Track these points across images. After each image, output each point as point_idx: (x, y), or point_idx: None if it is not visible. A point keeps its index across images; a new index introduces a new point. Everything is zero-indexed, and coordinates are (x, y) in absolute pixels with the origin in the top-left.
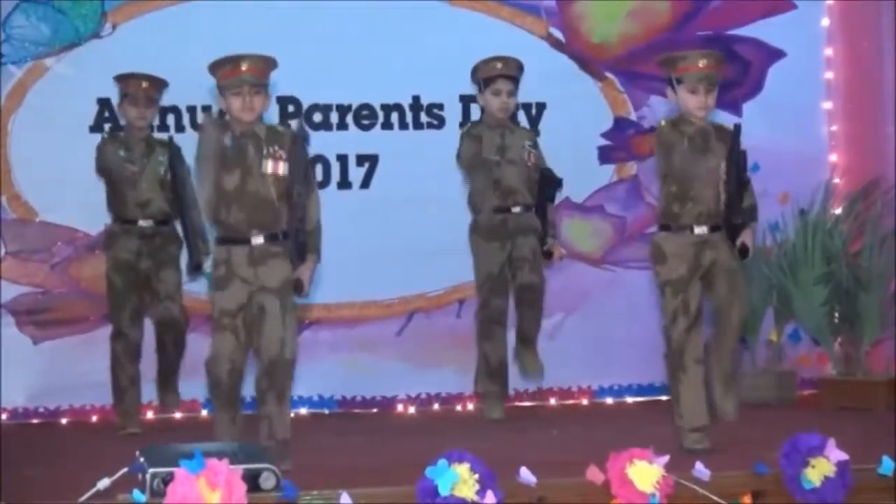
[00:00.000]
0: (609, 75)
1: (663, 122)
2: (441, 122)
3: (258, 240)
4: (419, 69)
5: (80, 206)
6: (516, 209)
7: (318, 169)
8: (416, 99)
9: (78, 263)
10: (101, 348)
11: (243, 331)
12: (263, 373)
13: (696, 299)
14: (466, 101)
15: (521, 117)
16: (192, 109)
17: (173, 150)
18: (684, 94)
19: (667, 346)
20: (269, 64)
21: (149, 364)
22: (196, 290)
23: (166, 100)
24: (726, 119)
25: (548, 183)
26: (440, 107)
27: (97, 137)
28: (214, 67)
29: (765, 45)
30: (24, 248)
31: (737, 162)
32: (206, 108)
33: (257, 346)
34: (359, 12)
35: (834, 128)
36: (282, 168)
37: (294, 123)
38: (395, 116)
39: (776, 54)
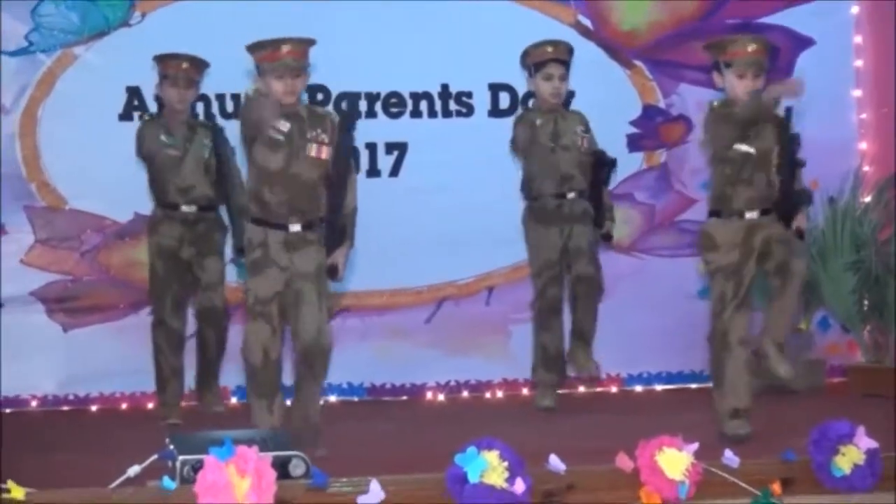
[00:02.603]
0: (637, 63)
1: (715, 104)
2: (470, 111)
3: (295, 227)
4: (448, 57)
5: (110, 193)
6: (571, 195)
7: None
8: (444, 87)
9: (107, 251)
10: (131, 336)
11: (278, 318)
12: (300, 359)
13: (747, 283)
14: (495, 89)
15: None
16: (220, 98)
17: (217, 132)
18: (732, 78)
19: (712, 328)
20: (308, 46)
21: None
22: (231, 277)
23: None
24: None
25: (601, 165)
26: (469, 95)
27: (126, 125)
28: (254, 49)
29: (794, 32)
30: (53, 235)
31: (789, 145)
32: (235, 97)
33: (294, 333)
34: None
35: (863, 116)
36: (324, 152)
37: (333, 111)
38: (423, 104)
39: (805, 42)
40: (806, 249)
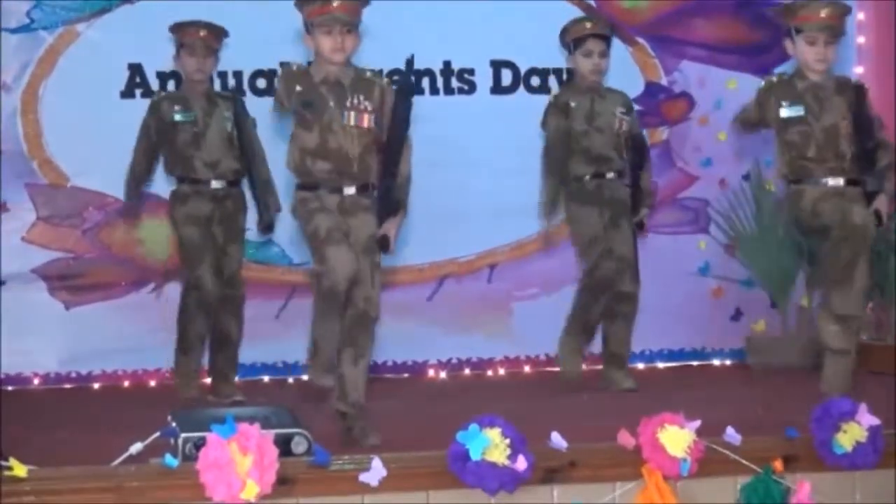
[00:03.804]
0: (640, 40)
1: (773, 80)
2: (472, 88)
3: (350, 190)
4: (450, 35)
5: (112, 171)
6: (610, 175)
7: None
8: (447, 64)
9: (109, 229)
10: (133, 314)
11: (348, 244)
12: (346, 328)
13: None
14: (497, 66)
15: (553, 83)
16: (223, 75)
17: (237, 103)
18: (802, 45)
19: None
20: (361, 2)
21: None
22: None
23: None
24: (753, 85)
25: (637, 150)
26: (471, 72)
27: (128, 103)
28: (303, 3)
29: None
30: (55, 213)
31: (863, 119)
32: (238, 73)
33: (348, 300)
34: None
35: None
36: (366, 119)
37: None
38: (426, 81)
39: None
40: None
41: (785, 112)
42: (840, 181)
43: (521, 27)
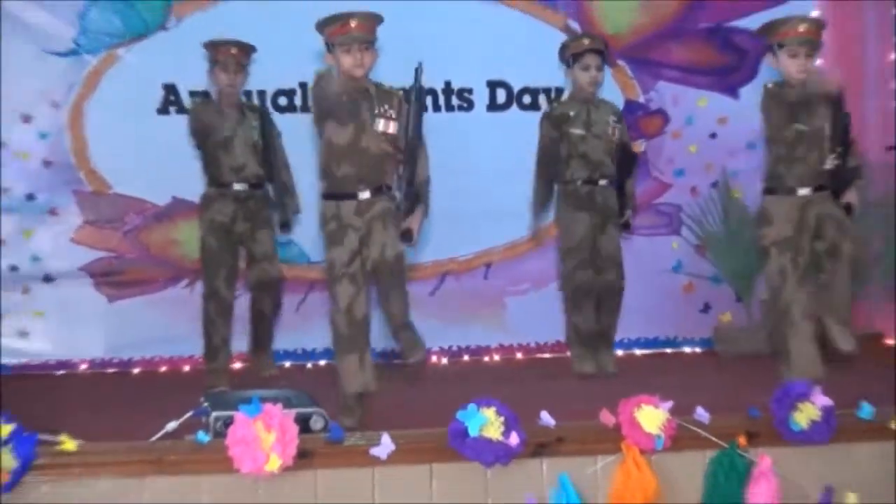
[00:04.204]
0: (620, 63)
1: (769, 86)
2: (470, 105)
3: (365, 194)
4: (450, 57)
5: (149, 179)
6: (603, 182)
7: None
8: (447, 84)
9: (147, 231)
10: (169, 307)
11: (360, 276)
12: (378, 275)
13: (804, 257)
14: (492, 85)
15: (542, 101)
16: (247, 94)
17: (264, 116)
18: (785, 58)
19: (774, 304)
20: (376, 20)
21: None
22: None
23: None
24: (726, 102)
25: (625, 157)
26: (469, 91)
27: (163, 119)
28: (323, 25)
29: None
30: (99, 217)
31: (841, 123)
32: (262, 92)
33: (375, 265)
34: (398, 4)
35: None
36: (392, 127)
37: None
38: (429, 100)
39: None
40: (853, 227)
41: (779, 111)
42: (808, 190)
43: (515, 51)
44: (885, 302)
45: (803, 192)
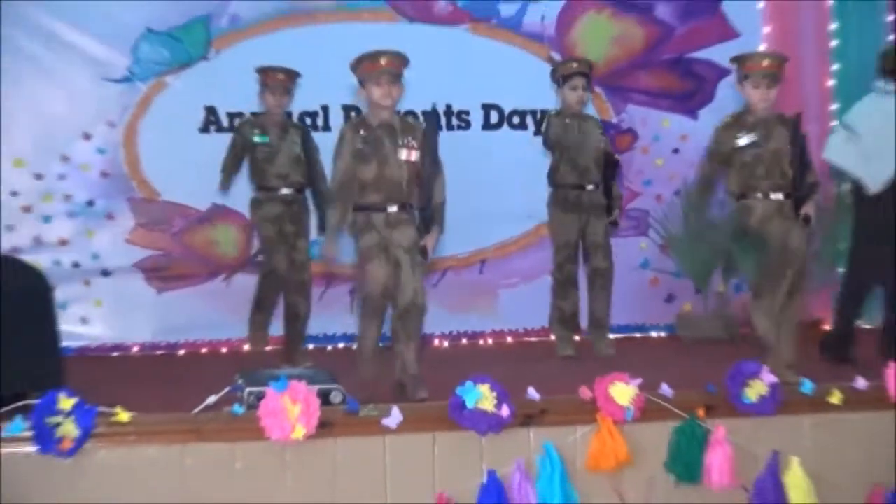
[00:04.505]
0: (597, 89)
1: (729, 117)
2: (468, 125)
3: (393, 208)
4: (450, 83)
5: (192, 188)
6: (590, 186)
7: None
8: (448, 107)
9: (190, 233)
10: (210, 298)
11: (388, 262)
12: (398, 316)
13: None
14: (487, 108)
15: (529, 121)
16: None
17: (305, 133)
18: (749, 88)
19: (753, 304)
20: (403, 59)
21: None
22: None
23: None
24: (686, 123)
25: (609, 164)
26: (467, 113)
27: (205, 136)
28: (357, 63)
29: (715, 64)
30: (149, 221)
31: (798, 144)
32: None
33: (394, 296)
34: (408, 37)
35: None
36: (413, 155)
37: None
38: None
39: (724, 72)
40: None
41: (742, 140)
42: (780, 196)
43: (506, 78)
44: (822, 290)
45: (776, 196)
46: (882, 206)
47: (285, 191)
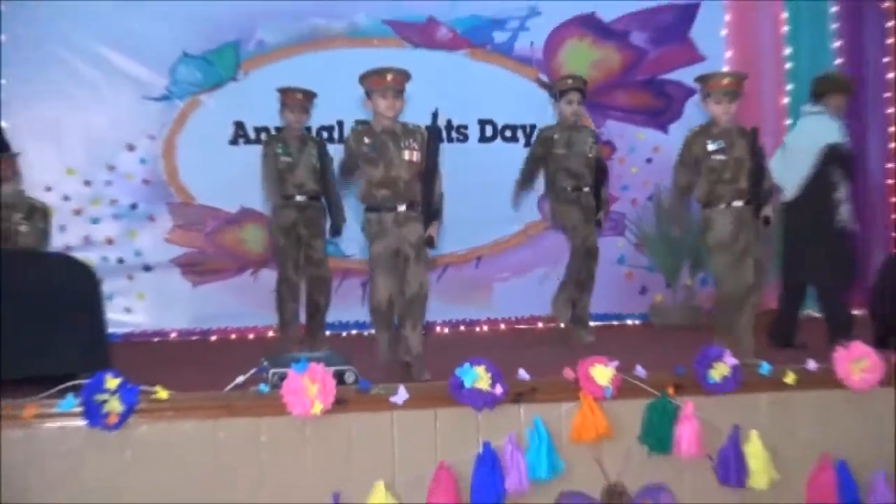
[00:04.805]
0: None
1: (696, 129)
2: (466, 138)
3: (402, 208)
4: (450, 100)
5: (223, 193)
6: (585, 189)
7: None
8: (448, 122)
9: (221, 233)
10: (239, 290)
11: (394, 269)
12: (405, 305)
13: (739, 255)
14: (482, 123)
15: (520, 135)
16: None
17: (321, 145)
18: (712, 104)
19: (720, 293)
20: (406, 76)
21: None
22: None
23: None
24: (658, 136)
25: (600, 170)
26: (465, 127)
27: (234, 148)
28: (365, 77)
29: (683, 85)
30: (186, 222)
31: (757, 154)
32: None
33: (402, 286)
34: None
35: None
36: (415, 156)
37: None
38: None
39: (691, 92)
40: (761, 247)
41: (711, 146)
42: (741, 203)
43: (499, 97)
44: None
45: (737, 203)
46: (801, 213)
47: (300, 198)
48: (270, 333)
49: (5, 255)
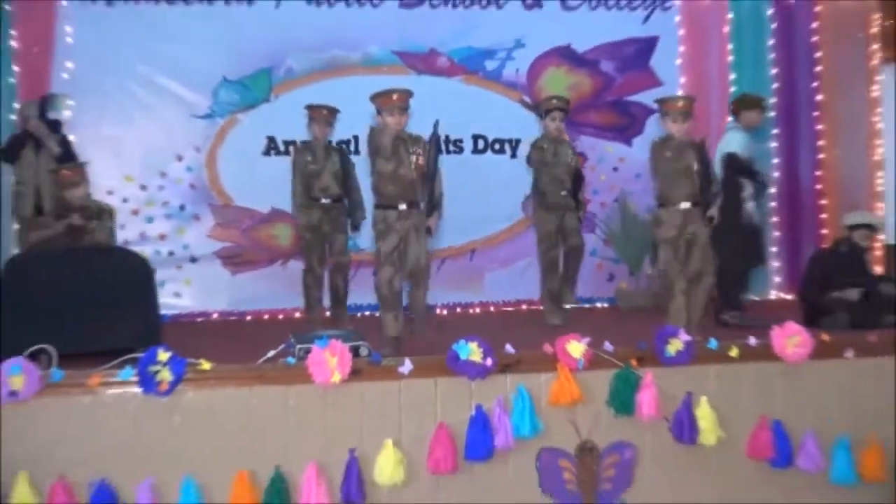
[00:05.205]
0: None
1: (657, 140)
2: (461, 150)
3: (403, 206)
4: (448, 118)
5: (256, 196)
6: (563, 192)
7: None
8: (446, 136)
9: (256, 230)
10: (270, 277)
11: (398, 262)
12: (409, 273)
13: (682, 251)
14: (475, 137)
15: (507, 147)
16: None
17: (343, 154)
18: (669, 122)
19: (665, 282)
20: (409, 95)
21: None
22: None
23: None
24: (623, 149)
25: (578, 177)
26: (460, 141)
27: (266, 158)
28: (376, 96)
29: (645, 105)
30: (226, 220)
31: (705, 164)
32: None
33: (405, 262)
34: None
35: None
36: (420, 160)
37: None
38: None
39: (651, 111)
40: (708, 243)
41: (668, 154)
42: (689, 204)
43: (490, 115)
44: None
45: (684, 205)
46: (728, 210)
47: (325, 200)
48: (297, 315)
49: (80, 250)
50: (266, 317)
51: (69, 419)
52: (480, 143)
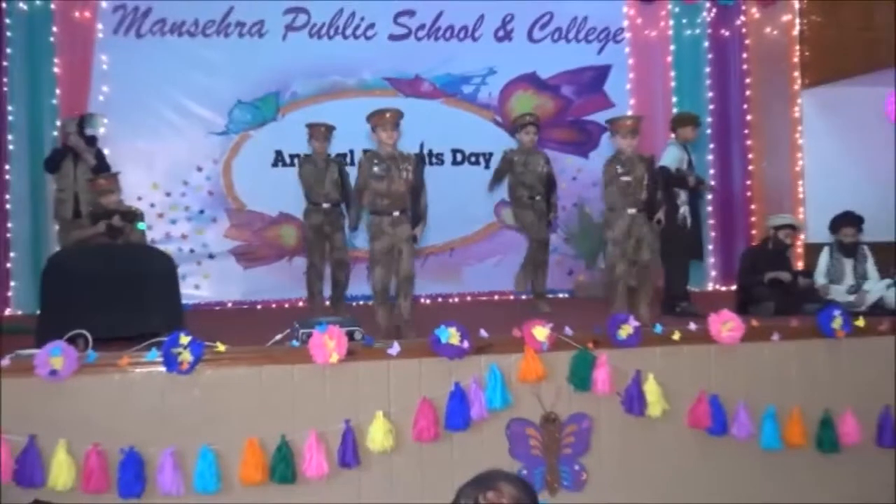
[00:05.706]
0: None
1: (609, 157)
2: (442, 162)
3: (395, 213)
4: (431, 135)
5: (266, 202)
6: (537, 198)
7: None
8: (429, 150)
9: (265, 230)
10: (277, 271)
11: (390, 262)
12: (399, 284)
13: (631, 250)
14: (454, 151)
15: (481, 161)
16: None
17: (341, 165)
18: (619, 139)
19: (609, 276)
20: (400, 114)
21: None
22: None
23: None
24: (581, 161)
25: (551, 184)
26: (441, 154)
27: (274, 170)
28: (370, 116)
29: (599, 124)
30: (240, 222)
31: (653, 175)
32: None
33: (397, 270)
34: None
35: None
36: (409, 175)
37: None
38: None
39: (605, 129)
40: (657, 244)
41: (619, 170)
42: (635, 210)
43: (466, 131)
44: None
45: (631, 211)
46: (666, 215)
47: (326, 205)
48: (301, 304)
49: (113, 247)
50: (274, 306)
51: (102, 395)
52: (458, 156)
